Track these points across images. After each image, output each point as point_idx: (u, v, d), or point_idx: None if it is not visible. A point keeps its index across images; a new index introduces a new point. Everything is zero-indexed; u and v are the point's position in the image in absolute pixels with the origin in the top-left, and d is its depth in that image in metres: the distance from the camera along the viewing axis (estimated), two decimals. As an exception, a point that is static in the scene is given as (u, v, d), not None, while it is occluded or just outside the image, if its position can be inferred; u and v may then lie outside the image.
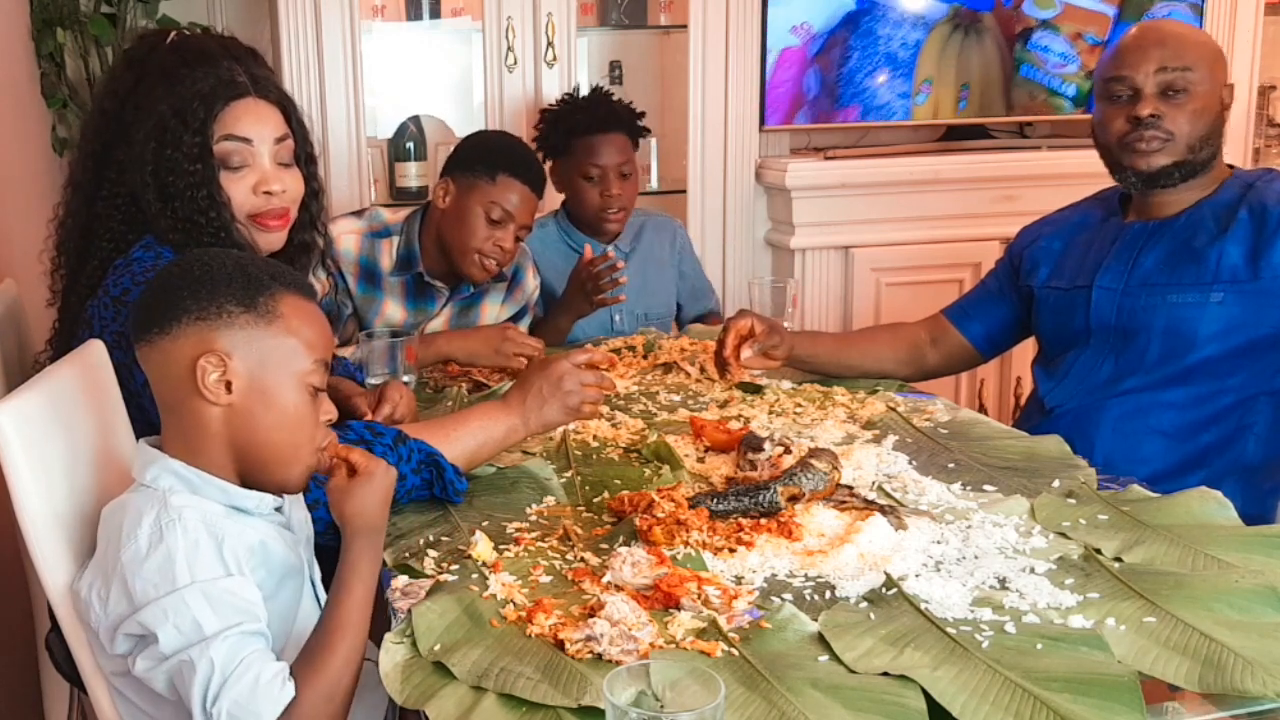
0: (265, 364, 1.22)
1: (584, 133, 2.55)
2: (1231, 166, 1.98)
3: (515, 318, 2.47)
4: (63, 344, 1.71)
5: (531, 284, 2.49)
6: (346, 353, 2.04)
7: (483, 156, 2.28)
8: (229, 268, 1.24)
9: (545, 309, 2.56)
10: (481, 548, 1.35)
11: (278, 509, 1.30)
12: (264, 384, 1.22)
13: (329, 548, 1.35)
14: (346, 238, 2.33)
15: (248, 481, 1.25)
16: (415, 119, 3.23)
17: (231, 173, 1.61)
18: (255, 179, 1.63)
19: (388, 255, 2.34)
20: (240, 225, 1.62)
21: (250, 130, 1.62)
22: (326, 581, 1.39)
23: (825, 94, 3.24)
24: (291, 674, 1.12)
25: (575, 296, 2.42)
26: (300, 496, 1.35)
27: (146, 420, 1.51)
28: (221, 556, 1.17)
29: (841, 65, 3.23)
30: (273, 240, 1.66)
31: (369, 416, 1.70)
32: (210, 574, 1.15)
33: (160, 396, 1.25)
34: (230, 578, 1.16)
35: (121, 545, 1.16)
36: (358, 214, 2.42)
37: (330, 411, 1.28)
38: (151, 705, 1.25)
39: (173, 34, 1.85)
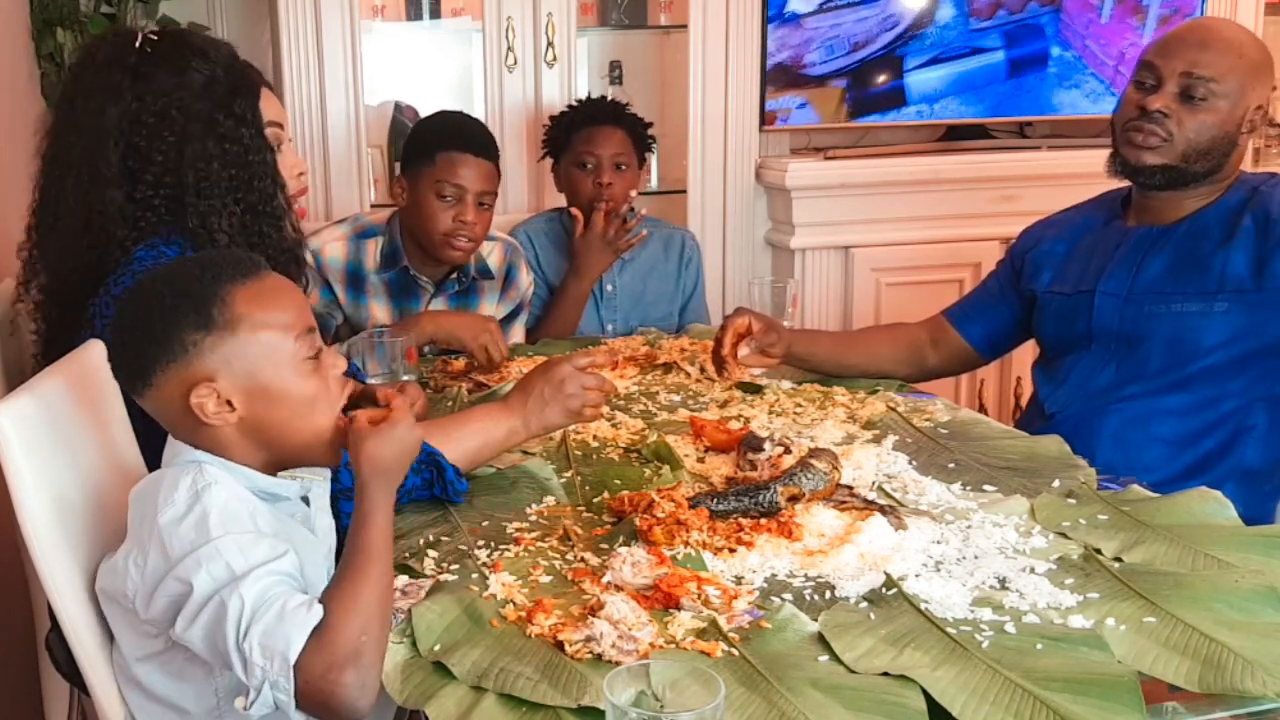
0: (253, 369, 1.20)
1: (581, 126, 2.57)
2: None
3: (512, 316, 2.47)
4: (58, 342, 1.68)
5: (525, 281, 2.49)
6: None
7: (419, 144, 2.31)
8: (169, 296, 1.19)
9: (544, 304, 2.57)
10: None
11: (304, 499, 1.30)
12: (262, 385, 1.20)
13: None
14: (333, 245, 2.33)
15: (281, 467, 1.27)
16: (415, 119, 3.22)
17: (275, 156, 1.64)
18: (292, 161, 1.65)
19: (373, 256, 2.34)
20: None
21: (280, 114, 1.64)
22: None
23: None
24: (321, 601, 1.10)
25: (594, 251, 2.48)
26: (328, 506, 1.36)
27: (148, 418, 1.51)
28: (254, 520, 1.18)
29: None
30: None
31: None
32: (242, 528, 1.15)
33: (175, 434, 1.25)
34: (262, 535, 1.16)
35: (159, 509, 1.17)
36: (340, 221, 2.43)
37: (339, 364, 1.27)
38: (173, 689, 1.24)
39: (140, 35, 1.78)
